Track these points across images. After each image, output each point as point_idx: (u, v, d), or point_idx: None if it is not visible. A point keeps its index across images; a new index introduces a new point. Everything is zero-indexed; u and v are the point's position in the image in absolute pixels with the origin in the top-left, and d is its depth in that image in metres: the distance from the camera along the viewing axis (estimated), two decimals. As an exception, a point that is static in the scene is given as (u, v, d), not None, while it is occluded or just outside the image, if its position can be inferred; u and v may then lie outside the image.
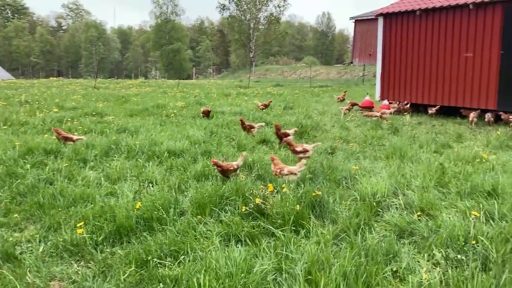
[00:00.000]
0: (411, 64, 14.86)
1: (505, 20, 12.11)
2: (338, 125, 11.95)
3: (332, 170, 6.88)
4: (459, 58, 13.35)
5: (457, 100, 13.59)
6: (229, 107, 15.34)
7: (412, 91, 14.95)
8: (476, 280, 3.44)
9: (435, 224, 4.72)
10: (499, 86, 12.46)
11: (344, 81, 36.79)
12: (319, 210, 5.19)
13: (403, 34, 15.03)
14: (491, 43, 12.52)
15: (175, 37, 73.62)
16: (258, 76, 49.36)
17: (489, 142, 9.57)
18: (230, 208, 5.23)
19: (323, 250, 4.12)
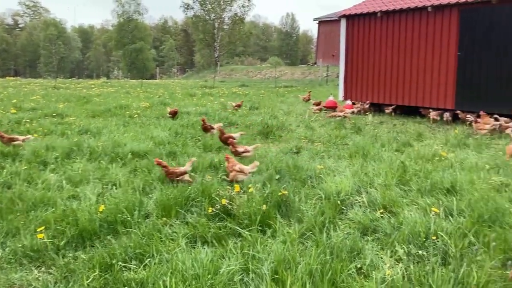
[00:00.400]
0: (373, 65, 15.21)
1: (461, 23, 12.58)
2: (303, 125, 12.09)
3: (298, 169, 6.95)
4: (418, 59, 13.77)
5: (417, 100, 14.00)
6: (195, 107, 15.24)
7: (374, 91, 15.30)
8: (436, 275, 3.56)
9: (397, 221, 4.85)
10: (456, 86, 12.92)
11: (308, 82, 37.25)
12: (285, 210, 5.23)
13: (365, 35, 15.36)
14: (448, 44, 12.97)
15: (138, 36, 72.41)
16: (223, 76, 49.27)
17: (447, 140, 9.91)
18: (196, 209, 5.19)
19: (290, 249, 4.15)
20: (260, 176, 6.51)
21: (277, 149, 9.03)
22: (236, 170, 6.28)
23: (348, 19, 15.89)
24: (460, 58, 12.73)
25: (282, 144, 9.64)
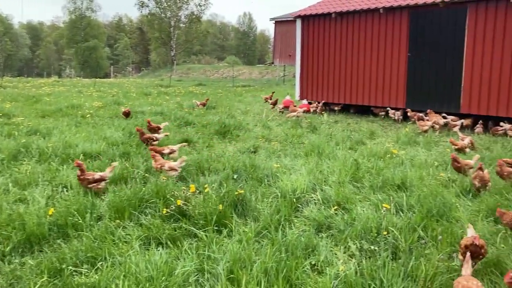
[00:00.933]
0: (328, 65, 15.48)
1: (411, 24, 13.03)
2: (261, 124, 12.14)
3: (255, 168, 6.97)
4: (371, 59, 14.14)
5: (370, 100, 14.38)
6: (150, 106, 14.97)
7: (329, 91, 15.58)
8: (387, 269, 3.67)
9: (351, 217, 4.96)
10: (407, 86, 13.38)
11: (266, 81, 37.44)
12: (241, 209, 5.23)
13: (320, 36, 15.62)
14: (399, 45, 13.41)
15: (91, 34, 70.31)
16: (180, 75, 48.71)
17: (398, 138, 10.23)
18: (150, 211, 5.10)
19: (245, 248, 4.16)
20: (216, 176, 6.49)
21: (235, 149, 9.03)
22: (166, 169, 6.31)
23: (303, 20, 16.10)
24: (410, 59, 13.18)
25: (240, 143, 9.65)
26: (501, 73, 11.23)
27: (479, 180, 5.86)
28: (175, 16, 56.94)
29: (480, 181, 5.85)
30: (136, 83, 33.20)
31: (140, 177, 6.43)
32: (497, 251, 4.17)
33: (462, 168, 6.62)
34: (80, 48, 69.04)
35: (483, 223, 4.90)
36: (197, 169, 6.94)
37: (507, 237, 4.53)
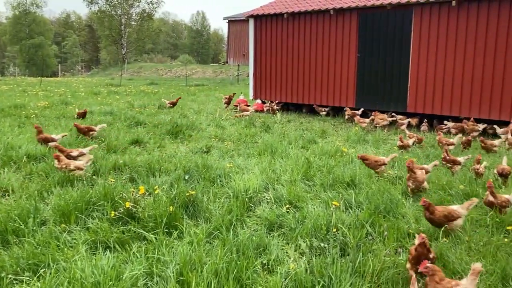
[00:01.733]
0: (281, 65, 15.63)
1: (360, 26, 13.38)
2: (214, 124, 12.06)
3: (207, 169, 6.91)
4: (322, 59, 14.40)
5: (321, 99, 14.63)
6: (99, 106, 14.52)
7: (282, 90, 15.73)
8: (336, 265, 3.73)
9: (302, 215, 5.02)
10: (356, 86, 13.72)
11: (220, 80, 37.29)
12: (192, 210, 5.17)
13: (273, 36, 15.73)
14: (349, 46, 13.73)
15: (36, 30, 67.34)
16: (132, 74, 47.63)
17: (349, 137, 10.48)
18: (98, 214, 4.93)
19: (196, 249, 4.11)
20: (167, 177, 6.38)
21: (187, 149, 8.92)
22: (72, 168, 6.18)
23: (256, 19, 16.15)
24: (360, 59, 13.53)
25: (192, 143, 9.54)
26: (445, 73, 11.74)
27: (412, 181, 5.86)
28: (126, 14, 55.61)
29: (413, 182, 5.85)
30: (85, 82, 32.13)
31: (88, 179, 6.22)
32: (440, 245, 4.34)
33: (371, 164, 6.88)
34: (24, 45, 65.98)
35: (427, 218, 5.07)
36: (147, 170, 6.80)
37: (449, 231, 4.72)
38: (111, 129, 10.34)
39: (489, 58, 11.00)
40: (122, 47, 55.73)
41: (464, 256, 4.18)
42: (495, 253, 4.21)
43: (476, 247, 4.40)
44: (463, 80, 11.45)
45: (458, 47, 11.45)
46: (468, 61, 11.33)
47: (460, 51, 11.44)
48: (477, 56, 11.18)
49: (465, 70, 11.39)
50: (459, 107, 11.61)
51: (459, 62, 11.49)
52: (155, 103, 15.92)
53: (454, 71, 11.59)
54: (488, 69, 11.03)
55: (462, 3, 11.22)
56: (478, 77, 11.20)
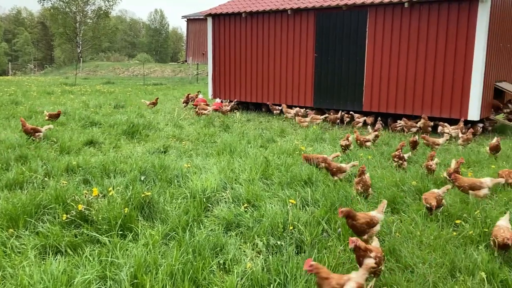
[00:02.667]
0: (239, 64, 15.61)
1: (317, 26, 13.56)
2: (172, 123, 11.90)
3: (164, 169, 6.81)
4: (281, 59, 14.49)
5: (280, 99, 14.73)
6: (52, 106, 14.02)
7: (241, 90, 15.72)
8: (292, 263, 3.76)
9: (259, 214, 5.03)
10: (314, 85, 13.91)
11: (178, 80, 36.84)
12: (148, 211, 5.08)
13: (231, 35, 15.70)
14: (307, 46, 13.89)
15: (-16, 27, 64.26)
16: (87, 73, 46.28)
17: (307, 136, 10.61)
18: (49, 217, 4.76)
19: (151, 251, 4.03)
20: (123, 178, 6.24)
21: (143, 149, 8.77)
22: None
23: (214, 18, 16.06)
24: (317, 59, 13.72)
25: (149, 143, 9.38)
26: (398, 73, 12.09)
27: (362, 185, 5.83)
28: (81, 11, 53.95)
29: (363, 186, 5.82)
30: (38, 81, 30.91)
31: (39, 181, 5.98)
32: (392, 240, 4.46)
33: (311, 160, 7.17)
34: (-29, 42, 62.83)
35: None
36: (102, 171, 6.62)
37: (401, 227, 4.87)
38: (64, 129, 10.01)
39: (439, 58, 11.41)
40: (77, 45, 54.02)
41: (416, 250, 4.31)
42: (444, 246, 4.37)
43: (427, 241, 4.55)
44: (416, 79, 11.82)
45: (411, 47, 11.81)
46: (420, 61, 11.71)
47: (412, 51, 11.80)
48: (428, 56, 11.56)
49: (417, 69, 11.77)
50: (412, 106, 11.98)
51: (411, 62, 11.85)
52: (111, 103, 15.53)
53: (407, 70, 11.95)
54: (439, 69, 11.44)
55: (414, 5, 11.58)
56: (430, 77, 11.59)
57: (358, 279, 3.22)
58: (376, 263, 3.51)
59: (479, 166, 7.78)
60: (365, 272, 3.33)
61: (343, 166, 6.66)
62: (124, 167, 6.87)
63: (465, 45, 10.98)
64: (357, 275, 3.28)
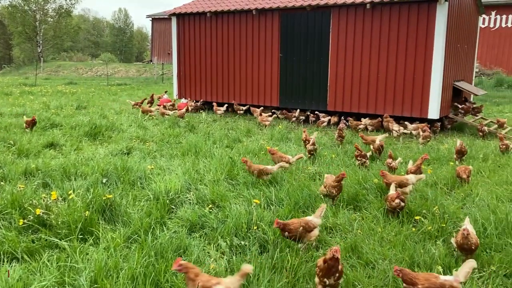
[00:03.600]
0: (205, 64, 15.53)
1: (282, 26, 13.65)
2: (136, 124, 11.71)
3: (127, 171, 6.70)
4: (246, 59, 14.50)
5: (247, 99, 14.75)
6: (10, 107, 13.53)
7: (207, 89, 15.64)
8: (255, 263, 3.77)
9: (224, 214, 5.02)
10: (280, 86, 13.99)
11: (143, 80, 36.27)
12: (110, 214, 4.98)
13: (196, 34, 15.59)
14: (272, 46, 13.95)
15: None
16: (49, 73, 44.93)
17: (273, 135, 10.65)
18: (4, 223, 4.59)
19: (113, 255, 3.95)
20: (84, 181, 6.09)
21: (106, 151, 8.58)
22: None
23: (178, 18, 15.90)
24: (282, 59, 13.81)
25: (112, 145, 9.19)
26: (361, 73, 12.31)
27: (337, 189, 5.65)
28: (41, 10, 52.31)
29: (337, 190, 5.66)
30: (-5, 82, 29.80)
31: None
32: (355, 237, 4.54)
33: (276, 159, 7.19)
34: None
35: (343, 212, 5.29)
36: (62, 174, 6.44)
37: (363, 224, 4.96)
38: (22, 131, 9.68)
39: (400, 58, 11.69)
40: (37, 44, 52.35)
41: (377, 247, 4.41)
42: (404, 242, 4.48)
43: (388, 237, 4.66)
44: (378, 79, 12.08)
45: (373, 48, 12.06)
46: (382, 61, 11.97)
47: (374, 51, 12.05)
48: (390, 56, 11.83)
49: (379, 69, 12.02)
50: (375, 105, 12.23)
51: (374, 62, 12.10)
52: (73, 104, 15.14)
53: (369, 70, 12.19)
54: (400, 69, 11.72)
55: (376, 6, 11.83)
56: (391, 77, 11.87)
57: (229, 284, 3.11)
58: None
59: (439, 163, 8.02)
60: (241, 279, 3.22)
61: (268, 168, 6.48)
62: (85, 170, 6.72)
63: (424, 45, 11.29)
64: (230, 280, 3.18)
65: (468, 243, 4.03)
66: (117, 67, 45.42)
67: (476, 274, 4.00)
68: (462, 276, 3.45)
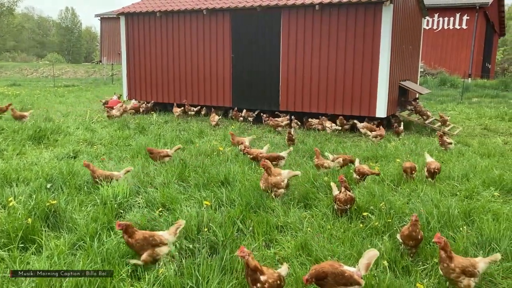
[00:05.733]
0: (155, 64, 15.26)
1: (233, 26, 13.63)
2: (83, 127, 11.32)
3: (73, 175, 6.46)
4: (198, 59, 14.37)
5: (199, 99, 14.62)
6: None
7: (158, 90, 15.38)
8: (204, 265, 3.73)
9: (174, 217, 4.94)
10: (232, 86, 13.96)
11: (92, 81, 35.19)
12: (54, 221, 4.78)
13: (146, 34, 15.29)
14: (223, 46, 13.90)
15: None
16: (-10, 75, 42.65)
17: (225, 136, 10.61)
18: None
19: (56, 263, 3.79)
20: (26, 187, 5.82)
21: (51, 155, 8.24)
22: None
23: (127, 17, 15.53)
24: (234, 59, 13.79)
25: (58, 148, 8.84)
26: (312, 73, 12.51)
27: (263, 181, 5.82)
28: (-19, 7, 49.70)
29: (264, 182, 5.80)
30: None
31: None
32: (305, 235, 4.59)
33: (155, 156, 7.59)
34: None
35: (294, 210, 5.35)
36: (2, 180, 6.12)
37: (313, 221, 5.03)
38: (-41, 136, 9.14)
39: (349, 59, 11.98)
40: (-24, 44, 49.64)
41: (326, 244, 4.48)
42: (352, 239, 4.58)
43: (337, 234, 4.75)
44: (328, 79, 12.31)
45: (323, 49, 12.28)
46: (332, 62, 12.21)
47: (324, 52, 12.27)
48: (339, 57, 12.09)
49: (329, 70, 12.26)
50: (325, 105, 12.46)
51: (323, 62, 12.32)
52: (17, 106, 14.42)
53: (319, 71, 12.40)
54: (349, 69, 12.00)
55: (325, 7, 12.05)
56: (341, 77, 12.13)
57: None
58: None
59: (386, 160, 8.27)
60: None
61: (115, 173, 6.30)
62: (28, 175, 6.42)
63: (371, 46, 11.63)
64: None
65: (417, 230, 4.19)
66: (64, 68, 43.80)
67: (420, 267, 4.16)
68: (363, 269, 3.56)
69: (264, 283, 3.29)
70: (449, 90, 22.42)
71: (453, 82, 23.87)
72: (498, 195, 6.13)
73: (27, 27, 75.39)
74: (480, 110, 16.16)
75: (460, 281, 3.56)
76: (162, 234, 4.10)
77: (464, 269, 3.56)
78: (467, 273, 3.55)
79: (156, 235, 4.03)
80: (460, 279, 3.55)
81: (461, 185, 6.63)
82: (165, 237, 4.04)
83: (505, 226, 4.81)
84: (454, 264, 3.57)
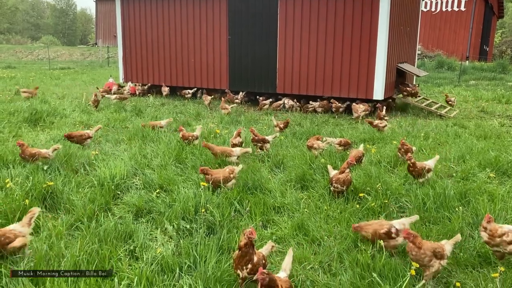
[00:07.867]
0: (151, 47, 15.12)
1: (230, 8, 13.47)
2: (79, 109, 11.26)
3: (70, 157, 6.45)
4: (194, 41, 14.24)
5: (195, 81, 14.53)
6: None
7: (155, 73, 15.28)
8: (203, 244, 3.75)
9: (172, 198, 4.95)
10: (229, 68, 13.88)
11: (88, 63, 34.91)
12: (51, 202, 4.79)
13: (142, 16, 15.11)
14: (220, 28, 13.77)
15: None
16: (-16, 57, 42.23)
17: (222, 119, 10.59)
18: None
19: (54, 243, 3.81)
20: (23, 169, 5.80)
21: (48, 137, 8.22)
22: None
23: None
24: (231, 41, 13.67)
25: (54, 131, 8.81)
26: (309, 55, 12.43)
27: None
28: (-27, -12, 48.89)
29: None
30: None
31: None
32: (302, 216, 4.62)
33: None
34: None
35: (291, 191, 5.37)
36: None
37: (310, 202, 5.06)
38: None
39: (346, 41, 11.89)
40: (-30, 26, 48.99)
41: (323, 224, 4.51)
42: (349, 219, 4.61)
43: (333, 214, 4.78)
44: (325, 61, 12.24)
45: (320, 30, 12.17)
46: (329, 44, 12.12)
47: (322, 34, 12.17)
48: (336, 38, 11.98)
49: (326, 52, 12.18)
50: (323, 88, 12.41)
51: (321, 44, 12.23)
52: (11, 89, 14.34)
53: (317, 53, 12.32)
54: (346, 51, 11.92)
55: (322, -11, 11.91)
56: (338, 59, 12.05)
57: None
58: None
59: (383, 142, 8.28)
60: None
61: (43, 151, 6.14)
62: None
63: (369, 28, 11.53)
64: None
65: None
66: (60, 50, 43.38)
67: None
68: (288, 269, 3.32)
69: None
70: (446, 73, 22.35)
71: (451, 65, 23.79)
72: (494, 176, 6.16)
73: (21, 8, 74.36)
74: (477, 92, 16.15)
75: (432, 265, 3.55)
76: (13, 227, 3.68)
77: (434, 250, 3.55)
78: (437, 255, 3.56)
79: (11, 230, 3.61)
80: (432, 263, 3.55)
81: (457, 166, 6.67)
82: (18, 230, 3.64)
83: (500, 206, 4.86)
84: (423, 249, 3.54)
